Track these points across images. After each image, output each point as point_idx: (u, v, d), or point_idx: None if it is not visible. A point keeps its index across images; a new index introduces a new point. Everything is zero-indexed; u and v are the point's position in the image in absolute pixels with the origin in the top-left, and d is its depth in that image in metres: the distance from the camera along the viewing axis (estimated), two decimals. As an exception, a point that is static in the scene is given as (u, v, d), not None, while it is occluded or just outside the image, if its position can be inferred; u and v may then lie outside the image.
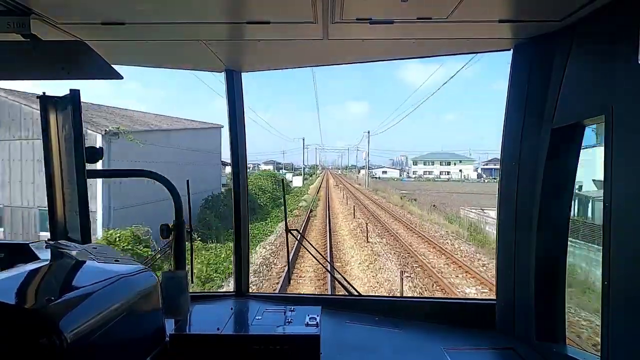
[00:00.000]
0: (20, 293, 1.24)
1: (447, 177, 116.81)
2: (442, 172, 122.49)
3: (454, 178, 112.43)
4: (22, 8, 1.60)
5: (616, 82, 1.51)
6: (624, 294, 1.45)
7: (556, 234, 2.03)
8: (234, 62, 2.52)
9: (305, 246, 3.04)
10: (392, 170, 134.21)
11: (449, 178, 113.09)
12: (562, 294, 2.03)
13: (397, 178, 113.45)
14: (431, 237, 17.96)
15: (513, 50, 2.14)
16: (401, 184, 73.89)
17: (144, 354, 1.53)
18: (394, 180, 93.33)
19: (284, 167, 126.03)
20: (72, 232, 1.63)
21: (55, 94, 1.61)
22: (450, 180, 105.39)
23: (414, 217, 25.54)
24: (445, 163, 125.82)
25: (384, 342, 2.19)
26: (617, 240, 1.47)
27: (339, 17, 1.76)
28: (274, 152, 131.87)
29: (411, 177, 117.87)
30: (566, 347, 2.00)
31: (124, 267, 1.60)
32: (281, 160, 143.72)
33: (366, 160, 68.13)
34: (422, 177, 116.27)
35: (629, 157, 1.44)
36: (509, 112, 2.18)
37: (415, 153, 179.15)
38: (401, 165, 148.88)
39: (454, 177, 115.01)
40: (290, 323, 1.90)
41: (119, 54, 2.35)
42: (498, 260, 2.34)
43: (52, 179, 1.70)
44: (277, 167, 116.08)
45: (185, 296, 2.04)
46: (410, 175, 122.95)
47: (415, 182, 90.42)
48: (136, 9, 1.70)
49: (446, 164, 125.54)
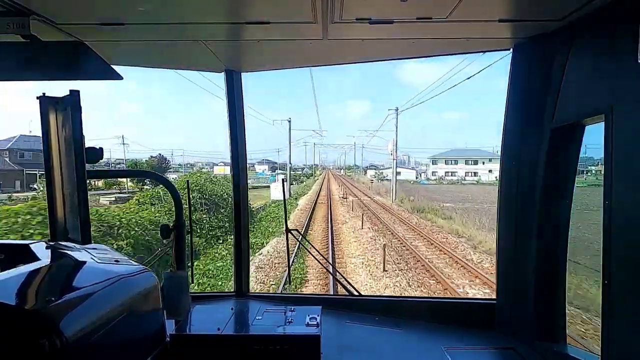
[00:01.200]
0: (21, 294, 1.24)
1: (473, 178, 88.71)
2: (468, 173, 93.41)
3: (482, 180, 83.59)
4: (22, 8, 1.60)
5: (616, 82, 1.51)
6: (624, 294, 1.45)
7: (556, 234, 2.03)
8: (234, 62, 2.52)
9: (306, 247, 3.04)
10: (406, 171, 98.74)
11: (478, 180, 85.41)
12: (562, 294, 2.03)
13: (413, 180, 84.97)
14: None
15: (513, 50, 2.14)
16: (425, 191, 46.17)
17: (144, 354, 1.53)
18: (411, 184, 68.41)
19: (280, 167, 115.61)
20: (72, 233, 1.63)
21: (55, 94, 1.61)
22: (480, 183, 78.97)
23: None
24: (472, 162, 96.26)
25: (384, 342, 2.19)
26: (617, 240, 1.47)
27: (338, 17, 1.76)
28: (268, 150, 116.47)
29: (430, 178, 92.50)
30: (566, 347, 2.00)
31: (124, 267, 1.59)
32: (278, 159, 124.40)
33: (393, 156, 34.46)
34: (445, 179, 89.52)
35: (629, 157, 1.44)
36: (509, 112, 2.18)
37: (416, 152, 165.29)
38: (404, 164, 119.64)
39: (483, 178, 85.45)
40: (291, 323, 1.90)
41: (119, 54, 2.35)
42: (498, 260, 2.34)
43: (52, 179, 1.70)
44: (273, 167, 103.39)
45: (185, 296, 2.05)
46: (429, 176, 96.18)
47: (440, 186, 67.84)
48: (136, 9, 1.70)
49: (473, 162, 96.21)
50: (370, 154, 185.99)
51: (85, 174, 1.49)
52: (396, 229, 18.65)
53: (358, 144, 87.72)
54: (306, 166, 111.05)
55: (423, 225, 20.67)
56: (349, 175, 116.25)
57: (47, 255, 1.52)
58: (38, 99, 1.63)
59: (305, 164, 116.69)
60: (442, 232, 18.54)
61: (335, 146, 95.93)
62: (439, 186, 68.40)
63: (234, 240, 2.77)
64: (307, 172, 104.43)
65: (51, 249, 1.64)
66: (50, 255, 1.54)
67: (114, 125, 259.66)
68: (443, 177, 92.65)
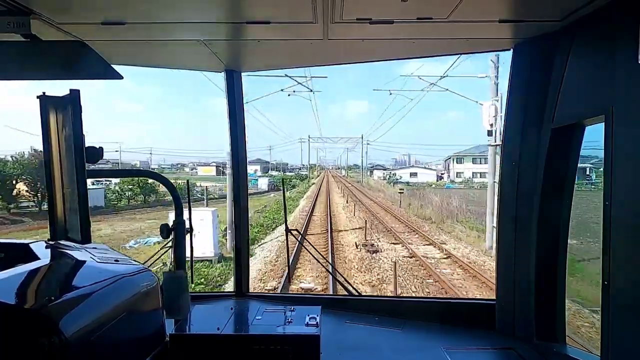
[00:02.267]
0: (21, 293, 1.24)
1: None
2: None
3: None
4: (22, 8, 1.60)
5: (616, 82, 1.51)
6: (624, 294, 1.45)
7: (556, 234, 2.03)
8: (234, 62, 2.52)
9: (306, 247, 3.04)
10: (423, 171, 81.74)
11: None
12: (562, 294, 2.03)
13: (434, 183, 67.82)
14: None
15: (513, 50, 2.14)
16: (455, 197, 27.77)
17: (144, 353, 1.53)
18: (431, 187, 51.93)
19: (274, 168, 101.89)
20: (72, 232, 1.63)
21: (55, 94, 1.61)
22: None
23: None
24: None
25: (384, 342, 2.19)
26: (617, 239, 1.47)
27: (339, 17, 1.76)
28: (259, 148, 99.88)
29: (455, 180, 72.67)
30: (566, 347, 2.00)
31: (124, 267, 1.60)
32: (270, 158, 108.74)
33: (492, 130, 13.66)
34: (473, 181, 68.08)
35: (629, 157, 1.44)
36: (509, 112, 2.18)
37: (419, 150, 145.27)
38: (405, 164, 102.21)
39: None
40: (290, 323, 1.90)
41: (119, 54, 2.35)
42: (498, 260, 2.34)
43: (52, 179, 1.70)
44: (265, 168, 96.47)
45: (185, 296, 2.04)
46: (454, 178, 75.64)
47: (470, 191, 42.87)
48: (136, 9, 1.70)
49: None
50: (374, 153, 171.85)
51: (85, 174, 1.49)
52: None
53: (354, 147, 73.16)
54: (304, 166, 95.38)
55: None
56: (352, 176, 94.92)
57: (47, 255, 1.52)
58: (38, 99, 1.63)
59: (302, 164, 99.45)
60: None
61: (335, 139, 78.04)
62: (467, 190, 46.42)
63: (234, 240, 2.77)
64: (302, 173, 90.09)
65: (51, 248, 1.64)
66: (50, 255, 1.55)
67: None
68: (471, 178, 72.91)
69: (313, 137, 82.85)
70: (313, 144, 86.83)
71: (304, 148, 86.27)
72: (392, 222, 20.87)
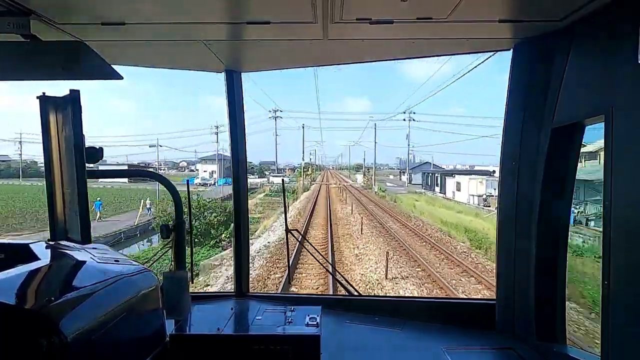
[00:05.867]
0: (21, 293, 1.24)
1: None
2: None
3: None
4: (22, 8, 1.60)
5: (616, 82, 1.51)
6: (624, 294, 1.45)
7: (556, 234, 2.03)
8: (234, 62, 2.52)
9: (306, 247, 3.04)
10: (465, 180, 37.89)
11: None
12: (562, 294, 2.03)
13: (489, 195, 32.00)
14: None
15: (513, 50, 2.14)
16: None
17: (144, 354, 1.53)
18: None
19: (266, 169, 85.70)
20: (72, 232, 1.63)
21: (55, 94, 1.61)
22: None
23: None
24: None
25: (384, 342, 2.19)
26: (617, 240, 1.47)
27: (339, 17, 1.76)
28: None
29: None
30: (566, 347, 2.00)
31: (124, 267, 1.59)
32: (255, 159, 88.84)
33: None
34: None
35: (629, 157, 1.44)
36: (509, 112, 2.18)
37: (420, 149, 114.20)
38: (406, 164, 69.44)
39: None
40: (291, 323, 1.90)
41: (119, 54, 2.34)
42: (498, 260, 2.34)
43: (52, 179, 1.69)
44: (228, 169, 51.94)
45: (185, 296, 2.05)
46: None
47: None
48: (136, 9, 1.70)
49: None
50: (418, 134, 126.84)
51: (85, 174, 1.49)
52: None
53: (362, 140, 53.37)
54: (299, 166, 68.07)
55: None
56: (382, 194, 45.21)
57: (47, 255, 1.52)
58: (38, 99, 1.63)
59: (299, 163, 69.07)
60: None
61: (339, 129, 64.19)
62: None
63: (234, 240, 2.77)
64: (293, 177, 65.22)
65: (51, 248, 1.64)
66: (50, 255, 1.54)
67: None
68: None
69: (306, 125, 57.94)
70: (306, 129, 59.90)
71: (299, 139, 58.82)
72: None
